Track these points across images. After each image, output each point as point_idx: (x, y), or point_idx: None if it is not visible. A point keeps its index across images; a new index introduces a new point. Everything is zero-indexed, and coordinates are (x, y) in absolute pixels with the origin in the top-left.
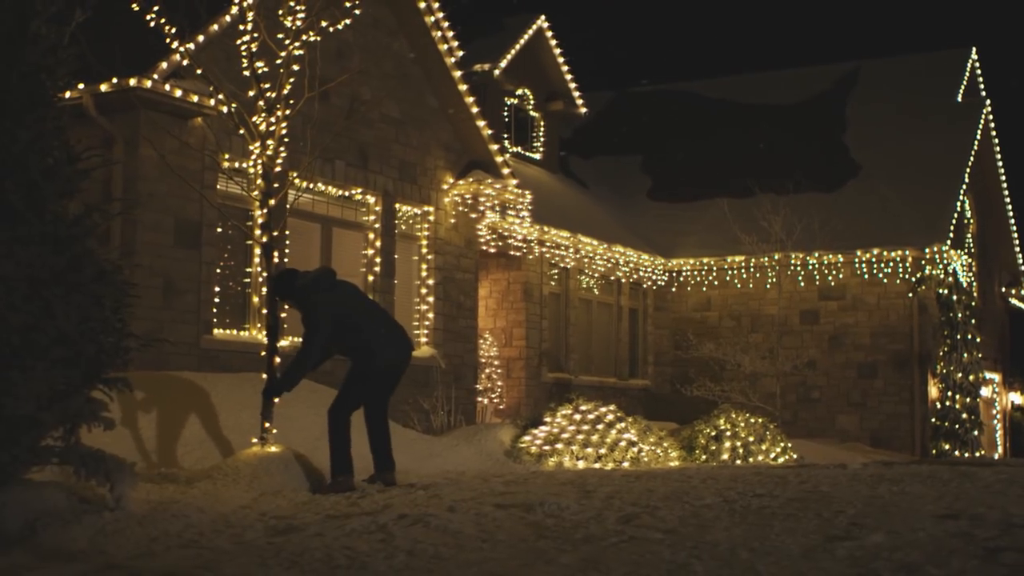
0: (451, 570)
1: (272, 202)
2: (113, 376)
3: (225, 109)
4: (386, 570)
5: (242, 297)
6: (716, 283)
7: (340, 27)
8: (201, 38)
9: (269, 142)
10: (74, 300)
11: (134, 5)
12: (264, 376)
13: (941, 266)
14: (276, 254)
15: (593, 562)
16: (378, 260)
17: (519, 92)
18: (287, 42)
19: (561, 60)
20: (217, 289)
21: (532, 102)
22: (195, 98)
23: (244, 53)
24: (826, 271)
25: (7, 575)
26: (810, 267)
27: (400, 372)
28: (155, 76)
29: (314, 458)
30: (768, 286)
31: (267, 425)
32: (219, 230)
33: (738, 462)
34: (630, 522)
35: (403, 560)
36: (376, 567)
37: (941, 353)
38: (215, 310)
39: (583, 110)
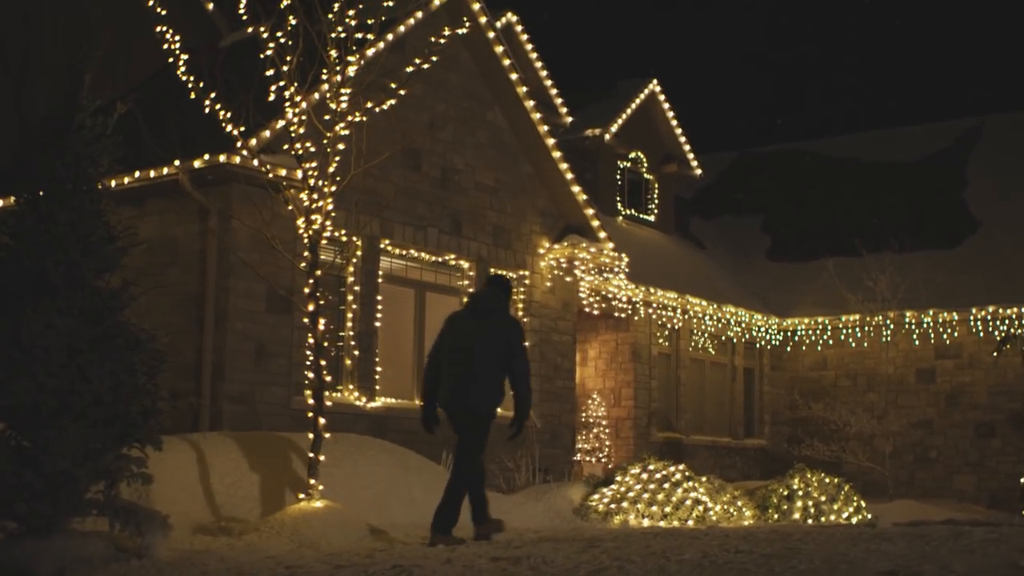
0: None
1: (318, 272)
2: (145, 435)
3: (302, 180)
4: None
5: (335, 360)
6: (831, 342)
7: (385, 107)
8: (292, 112)
9: (316, 217)
10: (107, 367)
11: (192, 94)
12: (310, 436)
13: None
14: (322, 322)
15: None
16: None
17: (632, 155)
18: (332, 123)
19: (675, 123)
20: (309, 352)
21: (646, 165)
22: (283, 171)
23: (292, 134)
24: (941, 329)
25: None
26: (924, 325)
27: (458, 424)
28: (244, 152)
29: (369, 512)
30: (883, 344)
31: (312, 482)
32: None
33: (809, 521)
34: (596, 575)
35: None
36: None
37: None
38: (306, 373)
39: (698, 172)
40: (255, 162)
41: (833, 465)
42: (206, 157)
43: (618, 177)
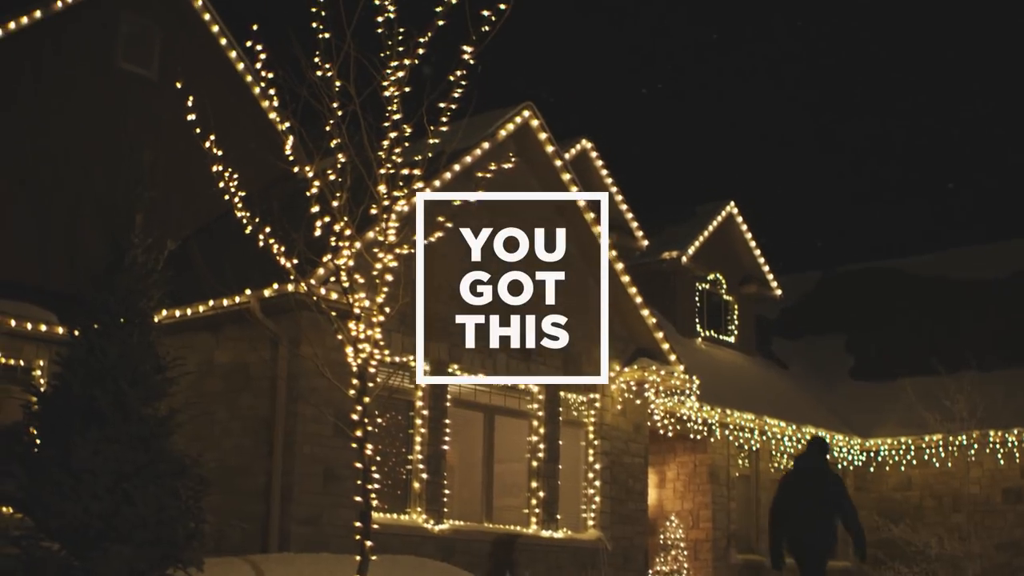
0: None
1: (367, 399)
2: (189, 557)
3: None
4: None
5: (404, 483)
6: (915, 462)
7: (433, 239)
8: (341, 245)
9: (364, 346)
10: (152, 491)
11: (248, 229)
12: (358, 558)
13: None
14: (369, 447)
15: None
16: (542, 447)
17: (711, 277)
18: (380, 255)
19: (753, 244)
20: (377, 476)
21: (724, 286)
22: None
23: (342, 267)
24: None
25: None
26: (1009, 444)
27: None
28: (312, 281)
29: None
30: (967, 464)
31: None
32: (379, 420)
33: None
34: None
35: None
36: None
37: None
38: (374, 496)
39: (778, 292)
40: (322, 290)
41: None
42: (275, 286)
43: (697, 299)
